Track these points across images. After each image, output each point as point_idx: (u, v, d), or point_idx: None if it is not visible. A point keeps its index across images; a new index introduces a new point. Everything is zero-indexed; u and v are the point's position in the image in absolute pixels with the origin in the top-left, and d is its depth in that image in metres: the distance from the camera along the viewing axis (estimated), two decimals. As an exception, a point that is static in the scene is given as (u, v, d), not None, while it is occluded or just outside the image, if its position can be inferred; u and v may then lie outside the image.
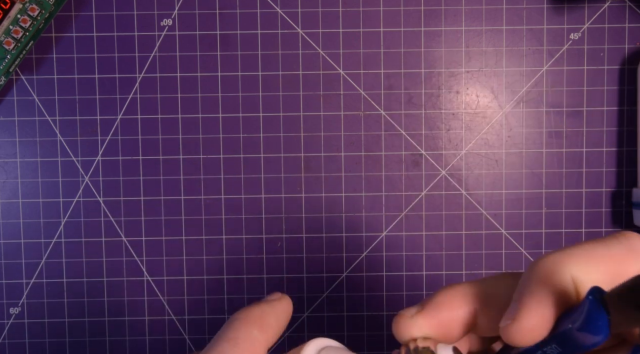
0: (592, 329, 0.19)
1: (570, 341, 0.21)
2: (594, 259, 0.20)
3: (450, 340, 0.22)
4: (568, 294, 0.20)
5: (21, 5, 0.36)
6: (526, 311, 0.19)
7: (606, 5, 0.40)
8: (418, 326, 0.21)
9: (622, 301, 0.18)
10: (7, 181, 0.40)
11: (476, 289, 0.21)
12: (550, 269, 0.20)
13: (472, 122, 0.40)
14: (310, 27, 0.40)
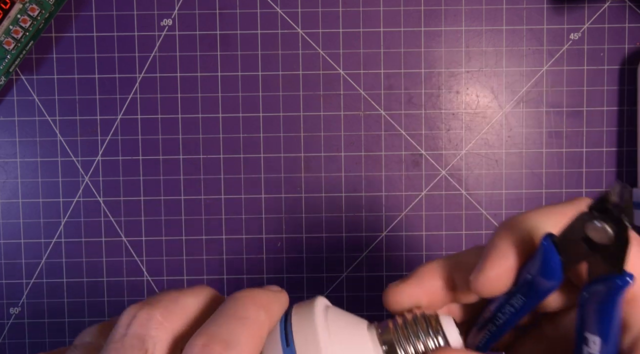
0: (548, 272, 0.22)
1: (531, 289, 0.23)
2: (550, 215, 0.22)
3: (435, 307, 0.24)
4: (527, 246, 0.22)
5: (21, 5, 0.36)
6: (489, 262, 0.22)
7: (606, 5, 0.40)
8: (407, 294, 0.23)
9: (568, 241, 0.21)
10: (7, 181, 0.40)
11: (452, 260, 0.24)
12: (511, 225, 0.22)
13: (472, 122, 0.40)
14: (310, 27, 0.40)
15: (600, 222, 0.20)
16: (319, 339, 0.21)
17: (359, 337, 0.23)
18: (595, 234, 0.20)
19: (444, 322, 0.22)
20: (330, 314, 0.23)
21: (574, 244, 0.21)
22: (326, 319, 0.22)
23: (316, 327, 0.21)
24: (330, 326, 0.22)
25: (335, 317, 0.23)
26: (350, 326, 0.23)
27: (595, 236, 0.21)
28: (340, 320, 0.23)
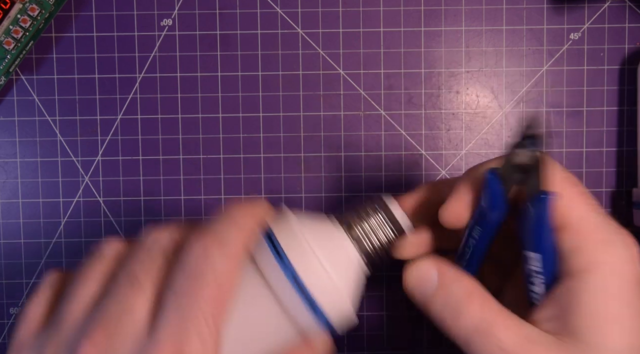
0: (493, 200, 0.26)
1: (483, 218, 0.27)
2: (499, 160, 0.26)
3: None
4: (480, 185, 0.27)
5: (21, 5, 0.36)
6: (453, 197, 0.28)
7: (606, 5, 0.40)
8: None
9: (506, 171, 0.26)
10: (7, 181, 0.40)
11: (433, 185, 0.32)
12: (473, 169, 0.28)
13: (472, 122, 0.40)
14: (310, 27, 0.40)
15: (521, 149, 0.25)
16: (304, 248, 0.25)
17: (328, 228, 0.27)
18: (521, 159, 0.25)
19: (387, 201, 0.28)
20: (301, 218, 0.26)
21: (510, 173, 0.26)
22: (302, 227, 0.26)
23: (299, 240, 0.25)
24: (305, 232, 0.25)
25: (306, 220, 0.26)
26: (318, 223, 0.27)
27: (522, 161, 0.25)
28: (311, 222, 0.26)
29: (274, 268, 0.24)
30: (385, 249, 0.28)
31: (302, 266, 0.24)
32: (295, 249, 0.25)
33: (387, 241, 0.28)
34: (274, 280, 0.24)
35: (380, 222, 0.28)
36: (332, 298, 0.25)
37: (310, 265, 0.24)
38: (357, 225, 0.27)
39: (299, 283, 0.24)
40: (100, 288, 0.25)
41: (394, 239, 0.28)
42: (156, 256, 0.25)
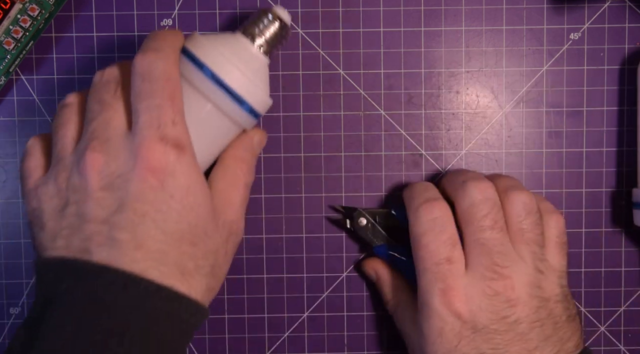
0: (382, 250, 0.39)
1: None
2: None
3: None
4: None
5: (21, 5, 0.36)
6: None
7: (606, 5, 0.40)
8: None
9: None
10: (7, 181, 0.40)
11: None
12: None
13: (472, 122, 0.40)
14: (310, 27, 0.40)
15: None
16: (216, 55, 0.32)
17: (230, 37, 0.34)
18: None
19: (278, 10, 0.34)
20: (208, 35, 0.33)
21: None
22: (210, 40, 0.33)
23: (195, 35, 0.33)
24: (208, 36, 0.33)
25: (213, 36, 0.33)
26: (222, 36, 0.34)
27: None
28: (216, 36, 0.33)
29: (198, 76, 0.32)
30: (277, 39, 0.34)
31: (218, 68, 0.32)
32: (209, 57, 0.32)
33: (276, 30, 0.34)
34: (201, 85, 0.32)
35: (268, 21, 0.34)
36: (248, 88, 0.32)
37: (224, 66, 0.32)
38: (251, 28, 0.34)
39: (220, 82, 0.32)
40: (80, 121, 0.32)
41: (280, 29, 0.34)
42: (110, 82, 0.31)
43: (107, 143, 0.30)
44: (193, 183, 0.30)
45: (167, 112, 0.30)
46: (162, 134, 0.29)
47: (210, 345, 0.41)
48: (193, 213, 0.30)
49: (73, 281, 0.28)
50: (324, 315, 0.41)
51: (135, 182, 0.29)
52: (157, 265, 0.29)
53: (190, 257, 0.30)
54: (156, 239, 0.29)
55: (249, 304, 0.41)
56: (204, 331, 0.41)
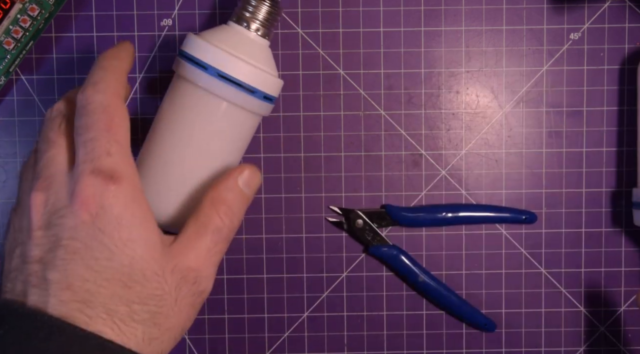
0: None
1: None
2: None
3: None
4: None
5: (21, 5, 0.36)
6: None
7: (606, 5, 0.40)
8: None
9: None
10: (7, 181, 0.40)
11: None
12: None
13: (472, 122, 0.40)
14: (310, 27, 0.40)
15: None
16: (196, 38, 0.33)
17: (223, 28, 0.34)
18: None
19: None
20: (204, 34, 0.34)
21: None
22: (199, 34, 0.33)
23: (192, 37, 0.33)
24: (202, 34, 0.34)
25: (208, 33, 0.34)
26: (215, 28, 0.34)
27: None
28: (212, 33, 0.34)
29: (204, 77, 0.32)
30: (271, 17, 0.34)
31: (221, 64, 0.32)
32: (209, 55, 0.32)
33: (267, 9, 0.34)
34: (210, 86, 0.32)
35: (256, 1, 0.34)
36: (256, 76, 0.32)
37: (227, 60, 0.32)
38: (242, 14, 0.34)
39: (227, 78, 0.32)
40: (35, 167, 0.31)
41: (271, 7, 0.34)
42: (57, 118, 0.31)
43: (49, 180, 0.29)
44: (129, 216, 0.28)
45: (101, 143, 0.29)
46: (94, 167, 0.28)
47: (210, 345, 0.41)
48: (128, 250, 0.28)
49: (9, 326, 0.27)
50: (324, 315, 0.41)
51: (69, 219, 0.28)
52: (84, 307, 0.27)
53: (122, 300, 0.28)
54: (85, 278, 0.27)
55: (249, 304, 0.41)
56: (204, 331, 0.41)
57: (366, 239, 0.40)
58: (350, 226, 0.40)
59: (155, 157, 0.34)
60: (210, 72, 0.32)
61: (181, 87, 0.33)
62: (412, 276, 0.39)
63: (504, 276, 0.41)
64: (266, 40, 0.34)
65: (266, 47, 0.34)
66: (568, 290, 0.41)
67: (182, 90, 0.33)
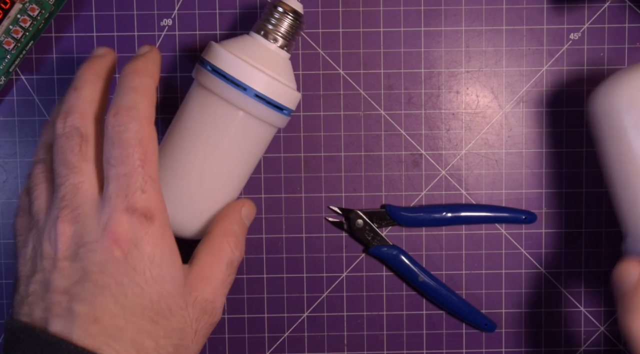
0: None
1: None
2: None
3: None
4: None
5: (21, 5, 0.36)
6: None
7: (606, 5, 0.40)
8: None
9: None
10: (7, 180, 0.40)
11: None
12: None
13: (472, 122, 0.40)
14: (310, 27, 0.40)
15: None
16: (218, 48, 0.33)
17: (245, 38, 0.34)
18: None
19: (289, 2, 0.34)
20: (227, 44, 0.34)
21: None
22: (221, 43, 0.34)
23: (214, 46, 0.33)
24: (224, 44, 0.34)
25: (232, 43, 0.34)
26: (237, 38, 0.34)
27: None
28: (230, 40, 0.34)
29: (225, 87, 0.32)
30: (292, 30, 0.35)
31: (243, 76, 0.32)
32: (232, 66, 0.32)
33: (290, 22, 0.34)
34: (229, 96, 0.32)
35: (279, 14, 0.34)
36: (276, 89, 0.33)
37: (249, 72, 0.32)
38: (264, 25, 0.34)
39: (247, 89, 0.32)
40: (51, 179, 0.31)
41: (294, 20, 0.34)
42: (74, 137, 0.30)
43: (77, 212, 0.29)
44: (160, 254, 0.29)
45: (136, 180, 0.29)
46: (129, 204, 0.28)
47: (210, 345, 0.41)
48: (157, 287, 0.29)
49: (28, 350, 0.27)
50: (324, 315, 0.41)
51: (99, 253, 0.28)
52: (112, 342, 0.27)
53: (149, 335, 0.28)
54: (114, 313, 0.28)
55: (249, 304, 0.41)
56: (204, 331, 0.41)
57: (366, 239, 0.39)
58: (350, 226, 0.40)
59: (171, 162, 0.34)
60: (230, 82, 0.32)
61: (200, 95, 0.34)
62: (412, 276, 0.39)
63: (504, 276, 0.41)
64: (287, 52, 0.35)
65: (286, 60, 0.35)
66: (568, 290, 0.41)
67: (200, 98, 0.34)
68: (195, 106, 0.34)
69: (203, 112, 0.33)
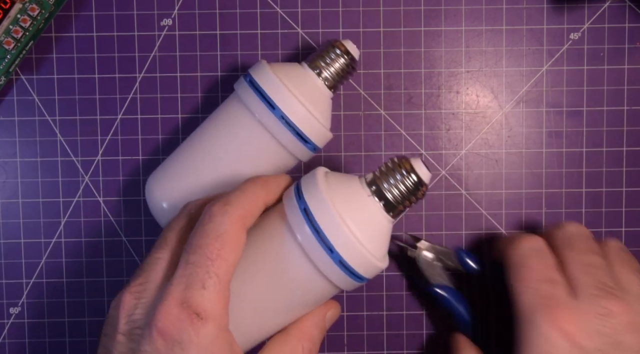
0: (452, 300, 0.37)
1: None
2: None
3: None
4: None
5: (21, 5, 0.36)
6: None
7: (606, 5, 0.40)
8: None
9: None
10: (7, 181, 0.40)
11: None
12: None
13: (472, 122, 0.40)
14: (310, 27, 0.40)
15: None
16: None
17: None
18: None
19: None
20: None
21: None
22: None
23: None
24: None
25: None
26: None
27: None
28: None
29: (260, 107, 0.32)
30: (343, 73, 0.35)
31: (282, 103, 0.32)
32: (274, 90, 0.32)
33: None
34: (262, 118, 0.32)
35: (335, 54, 0.34)
36: (311, 124, 0.32)
37: (289, 101, 0.32)
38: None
39: (283, 117, 0.32)
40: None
41: (347, 64, 0.34)
42: (183, 218, 0.31)
43: (144, 286, 0.29)
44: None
45: (200, 272, 0.27)
46: (185, 297, 0.26)
47: (210, 345, 0.41)
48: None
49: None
50: (324, 315, 0.41)
51: (145, 340, 0.27)
52: None
53: None
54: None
55: (249, 304, 0.41)
56: (204, 331, 0.41)
57: (429, 274, 0.37)
58: (415, 255, 0.38)
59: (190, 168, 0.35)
60: (268, 105, 0.32)
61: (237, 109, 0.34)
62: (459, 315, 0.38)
63: (504, 276, 0.41)
64: (330, 91, 0.35)
65: (328, 98, 0.35)
66: (568, 290, 0.41)
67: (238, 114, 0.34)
68: (227, 117, 0.35)
69: (232, 124, 0.34)
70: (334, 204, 0.29)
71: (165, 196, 0.35)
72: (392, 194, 0.30)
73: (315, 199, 0.29)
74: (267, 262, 0.30)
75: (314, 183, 0.30)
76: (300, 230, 0.29)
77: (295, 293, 0.30)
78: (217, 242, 0.27)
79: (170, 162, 0.36)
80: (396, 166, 0.30)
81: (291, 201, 0.30)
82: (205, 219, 0.28)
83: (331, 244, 0.28)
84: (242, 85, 0.34)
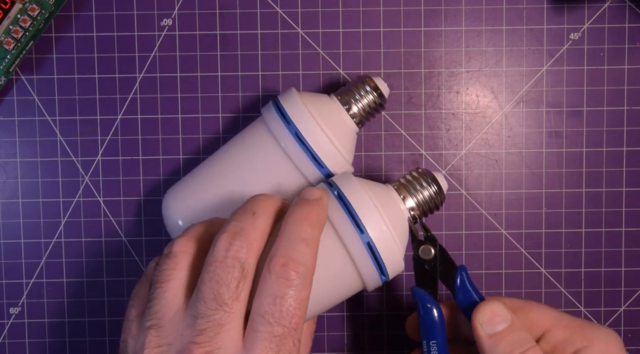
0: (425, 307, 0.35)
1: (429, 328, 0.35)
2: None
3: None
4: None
5: (21, 5, 0.36)
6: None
7: (606, 5, 0.40)
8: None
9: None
10: (7, 181, 0.40)
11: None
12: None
13: (472, 122, 0.40)
14: (310, 27, 0.40)
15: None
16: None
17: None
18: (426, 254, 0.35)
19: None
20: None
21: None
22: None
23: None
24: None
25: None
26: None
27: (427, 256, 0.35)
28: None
29: (284, 133, 0.33)
30: (372, 109, 0.35)
31: (306, 130, 0.33)
32: (300, 118, 0.33)
33: (372, 101, 0.35)
34: (285, 143, 0.33)
35: (365, 91, 0.35)
36: (332, 154, 0.33)
37: (314, 129, 0.33)
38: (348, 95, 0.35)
39: (305, 144, 0.33)
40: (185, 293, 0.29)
41: (376, 101, 0.35)
42: (236, 272, 0.27)
43: (160, 323, 0.28)
44: None
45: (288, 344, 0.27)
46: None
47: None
48: None
49: None
50: (324, 315, 0.41)
51: None
52: None
53: None
54: None
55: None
56: (204, 331, 0.41)
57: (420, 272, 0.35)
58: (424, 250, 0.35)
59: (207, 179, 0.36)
60: (291, 131, 0.33)
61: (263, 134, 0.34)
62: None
63: (504, 276, 0.41)
64: (356, 126, 0.35)
65: (353, 132, 0.35)
66: (568, 290, 0.41)
67: (263, 140, 0.34)
68: (252, 140, 0.35)
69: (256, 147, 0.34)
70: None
71: (182, 214, 0.35)
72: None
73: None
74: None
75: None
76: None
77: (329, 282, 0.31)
78: (300, 311, 0.27)
79: (189, 180, 0.36)
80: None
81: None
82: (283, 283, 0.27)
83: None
84: (270, 112, 0.34)
